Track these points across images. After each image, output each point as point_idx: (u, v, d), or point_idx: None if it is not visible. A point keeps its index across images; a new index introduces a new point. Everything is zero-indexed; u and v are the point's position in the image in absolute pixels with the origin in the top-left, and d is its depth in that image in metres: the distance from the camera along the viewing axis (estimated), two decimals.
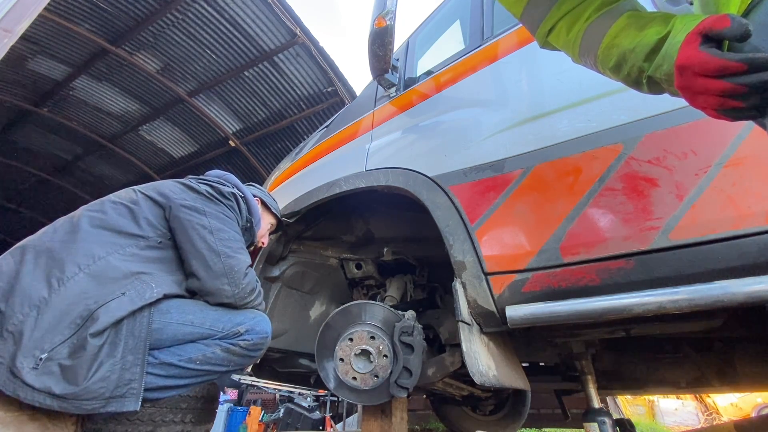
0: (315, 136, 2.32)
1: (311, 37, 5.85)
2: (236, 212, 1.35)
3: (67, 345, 0.96)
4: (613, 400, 5.68)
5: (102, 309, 1.00)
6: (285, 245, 1.93)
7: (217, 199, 1.30)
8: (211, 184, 1.35)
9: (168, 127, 8.00)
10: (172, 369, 1.11)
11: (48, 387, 0.92)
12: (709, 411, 9.77)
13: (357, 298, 2.05)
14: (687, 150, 0.96)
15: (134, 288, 1.07)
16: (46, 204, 10.63)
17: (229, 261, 1.21)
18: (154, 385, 1.09)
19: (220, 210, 1.28)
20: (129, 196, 1.24)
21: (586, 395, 1.47)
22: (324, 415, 6.20)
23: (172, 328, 1.12)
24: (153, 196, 1.24)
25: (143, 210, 1.20)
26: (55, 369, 0.94)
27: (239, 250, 1.26)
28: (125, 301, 1.04)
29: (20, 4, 3.05)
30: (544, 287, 1.06)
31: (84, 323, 0.98)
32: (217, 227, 1.23)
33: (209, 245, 1.19)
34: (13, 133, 8.19)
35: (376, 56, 1.68)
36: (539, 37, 0.89)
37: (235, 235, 1.29)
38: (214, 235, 1.21)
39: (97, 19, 5.77)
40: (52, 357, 0.94)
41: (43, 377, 0.92)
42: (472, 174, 1.29)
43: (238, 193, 1.40)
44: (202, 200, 1.26)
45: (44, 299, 0.98)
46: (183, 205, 1.22)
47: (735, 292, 0.81)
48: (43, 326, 0.95)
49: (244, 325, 1.22)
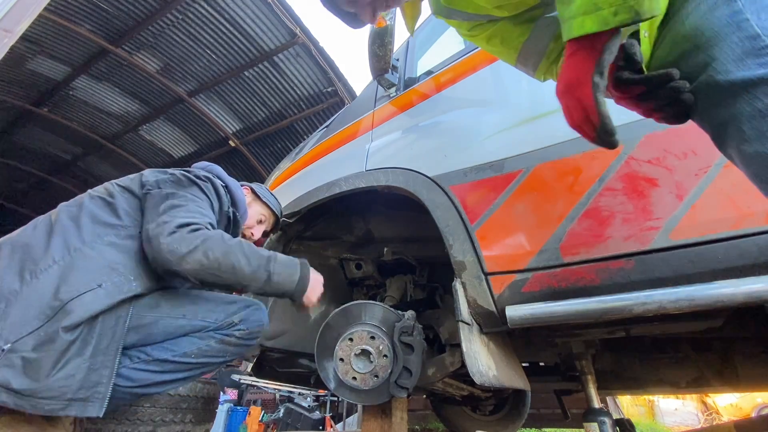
0: (315, 136, 2.32)
1: (311, 37, 5.85)
2: (211, 194, 1.26)
3: (33, 336, 0.92)
4: (613, 400, 5.68)
5: (76, 301, 0.96)
6: (285, 245, 1.93)
7: (189, 181, 1.23)
8: (187, 170, 1.29)
9: (168, 127, 8.00)
10: (167, 365, 1.08)
11: (6, 381, 0.88)
12: (709, 411, 9.77)
13: (357, 298, 2.05)
14: (687, 150, 0.96)
15: (111, 280, 1.02)
16: (46, 204, 10.60)
17: (162, 226, 1.07)
18: (150, 381, 1.07)
19: (190, 191, 1.20)
20: (106, 190, 1.20)
21: (586, 395, 1.47)
22: (324, 415, 6.20)
23: (164, 322, 1.09)
24: (129, 186, 1.20)
25: (120, 201, 1.16)
26: (17, 362, 0.90)
27: (177, 217, 1.10)
28: (101, 294, 0.99)
29: (20, 4, 3.05)
30: (544, 287, 1.06)
31: (54, 314, 0.94)
32: (174, 204, 1.13)
33: (156, 220, 1.09)
34: (13, 133, 8.18)
35: (376, 56, 1.69)
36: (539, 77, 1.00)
37: (193, 207, 1.15)
38: (167, 212, 1.11)
39: (97, 19, 5.77)
40: (15, 349, 0.90)
41: (2, 369, 0.88)
42: (472, 174, 1.29)
43: (216, 180, 1.32)
44: (172, 183, 1.21)
45: (15, 291, 0.95)
46: (149, 190, 1.18)
47: (735, 292, 0.81)
48: (11, 318, 0.92)
49: (238, 314, 1.18)
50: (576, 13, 0.61)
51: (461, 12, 0.96)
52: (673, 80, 0.61)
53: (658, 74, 0.62)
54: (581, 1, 0.60)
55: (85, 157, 9.06)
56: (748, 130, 0.54)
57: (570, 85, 0.64)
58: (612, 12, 0.57)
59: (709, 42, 0.60)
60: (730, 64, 0.57)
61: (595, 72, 0.60)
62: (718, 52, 0.58)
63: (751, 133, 0.54)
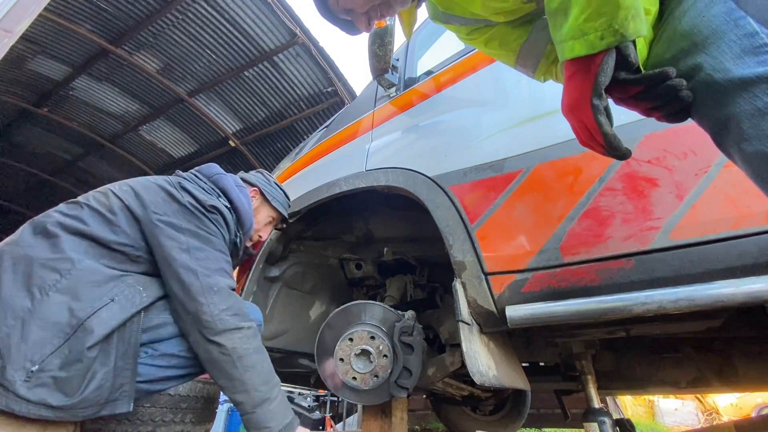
0: (315, 136, 2.32)
1: (311, 37, 5.85)
2: (221, 227, 1.24)
3: (57, 356, 0.94)
4: (613, 400, 5.67)
5: (94, 319, 0.98)
6: (285, 245, 1.93)
7: (200, 212, 1.20)
8: (194, 195, 1.23)
9: (168, 127, 8.00)
10: (173, 359, 1.12)
11: (43, 399, 0.91)
12: (709, 411, 9.77)
13: (357, 298, 2.05)
14: (687, 150, 0.96)
15: (122, 293, 1.05)
16: (46, 204, 10.60)
17: (207, 280, 1.11)
18: (156, 376, 1.09)
19: (201, 225, 1.19)
20: (105, 203, 1.15)
21: (586, 395, 1.47)
22: (324, 415, 6.20)
23: (173, 322, 1.13)
24: (131, 206, 1.15)
25: (120, 221, 1.13)
26: (49, 381, 0.92)
27: (218, 271, 1.15)
28: (116, 309, 1.02)
29: (20, 4, 3.05)
30: (544, 287, 1.06)
31: (74, 332, 0.96)
32: (195, 246, 1.14)
33: (185, 264, 1.11)
34: (13, 133, 8.18)
35: (376, 56, 1.69)
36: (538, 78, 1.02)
37: (216, 254, 1.18)
38: (191, 254, 1.13)
39: (97, 19, 5.76)
40: (43, 368, 0.92)
41: (36, 389, 0.91)
42: (472, 174, 1.29)
43: (221, 205, 1.27)
44: (182, 214, 1.17)
45: (28, 310, 0.95)
46: (160, 220, 1.14)
47: (735, 292, 0.81)
48: (31, 337, 0.93)
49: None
50: (566, 37, 0.63)
51: (459, 17, 0.98)
52: (670, 79, 0.61)
53: (654, 73, 0.61)
54: (569, 26, 0.62)
55: (85, 157, 9.06)
56: (748, 129, 0.54)
57: (572, 108, 0.67)
58: (598, 36, 0.59)
59: (707, 40, 0.60)
60: (729, 63, 0.56)
61: (593, 95, 0.62)
62: (716, 50, 0.58)
63: (751, 131, 0.54)
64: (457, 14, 0.97)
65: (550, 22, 0.68)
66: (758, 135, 0.53)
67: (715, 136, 0.63)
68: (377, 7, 0.86)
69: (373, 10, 0.86)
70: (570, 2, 0.63)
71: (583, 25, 0.61)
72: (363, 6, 0.85)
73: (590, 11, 0.60)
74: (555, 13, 0.66)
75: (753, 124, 0.53)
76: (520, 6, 0.89)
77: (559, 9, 0.65)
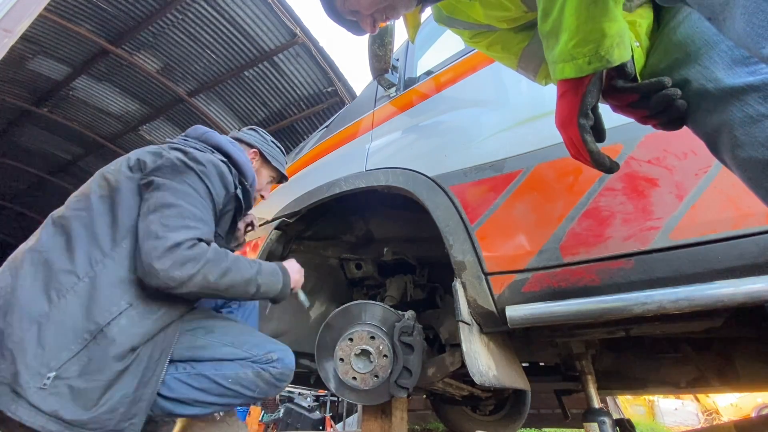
0: (315, 136, 2.32)
1: (311, 37, 5.85)
2: (208, 180, 1.16)
3: (75, 362, 0.90)
4: (613, 400, 5.68)
5: (114, 328, 0.95)
6: (285, 245, 1.93)
7: (186, 165, 1.13)
8: (183, 149, 1.18)
9: (168, 127, 8.00)
10: (204, 381, 1.10)
11: (55, 410, 0.86)
12: (709, 411, 9.77)
13: (357, 298, 2.05)
14: (687, 150, 0.96)
15: (140, 298, 1.02)
16: (46, 204, 10.62)
17: (155, 242, 1.01)
18: (185, 397, 1.08)
19: (184, 178, 1.11)
20: (109, 184, 1.12)
21: (586, 395, 1.47)
22: (324, 415, 6.20)
23: (214, 345, 1.15)
24: (129, 176, 1.12)
25: (124, 197, 1.10)
26: (65, 390, 0.88)
27: (177, 228, 1.04)
28: (134, 316, 0.99)
29: (20, 4, 3.05)
30: (544, 287, 1.06)
31: (93, 338, 0.93)
32: (166, 202, 1.06)
33: (147, 225, 1.03)
34: (13, 133, 8.19)
35: (376, 56, 1.69)
36: (539, 82, 1.04)
37: (187, 210, 1.08)
38: (158, 212, 1.05)
39: (97, 19, 5.76)
40: (60, 375, 0.88)
41: (51, 399, 0.86)
42: (472, 174, 1.29)
43: (216, 159, 1.22)
44: (167, 170, 1.11)
45: (45, 313, 0.92)
46: (145, 183, 1.10)
47: (735, 292, 0.81)
48: (48, 342, 0.89)
49: (276, 353, 1.21)
50: (557, 59, 0.68)
51: (462, 22, 1.00)
52: (665, 88, 0.63)
53: (650, 82, 0.65)
54: (560, 50, 0.67)
55: (85, 157, 9.06)
56: (741, 136, 0.55)
57: (562, 124, 0.72)
58: (586, 61, 0.64)
59: (699, 51, 0.63)
60: (720, 73, 0.59)
61: (580, 114, 0.68)
62: (708, 60, 0.61)
63: (743, 138, 0.55)
64: (460, 19, 0.99)
65: (544, 43, 0.73)
66: (751, 142, 0.54)
67: (709, 143, 0.64)
68: (382, 10, 0.88)
69: (378, 12, 0.88)
70: (560, 28, 0.67)
71: (572, 50, 0.65)
72: (368, 8, 0.86)
73: (579, 38, 0.64)
74: (547, 36, 0.71)
75: (745, 131, 0.55)
76: (522, 14, 0.91)
77: (550, 32, 0.70)
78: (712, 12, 0.51)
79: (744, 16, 0.46)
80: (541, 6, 0.70)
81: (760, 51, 0.45)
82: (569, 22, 0.64)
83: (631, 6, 0.76)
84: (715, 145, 0.63)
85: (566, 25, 0.65)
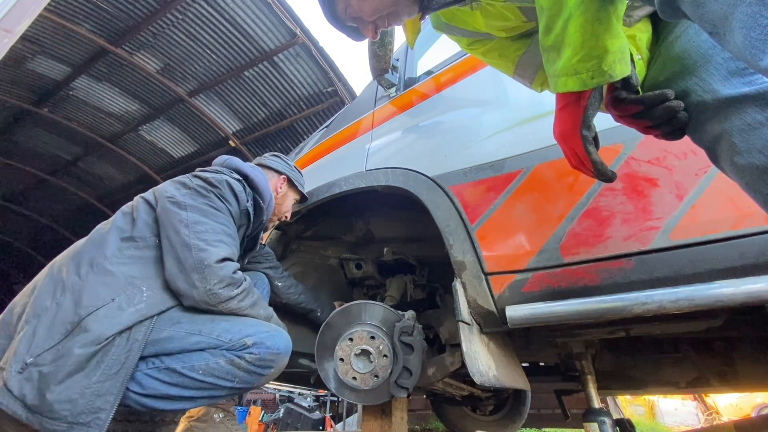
0: (315, 136, 2.32)
1: (311, 37, 5.85)
2: (226, 200, 1.27)
3: (52, 351, 0.95)
4: (613, 400, 5.68)
5: (91, 318, 0.99)
6: (285, 245, 1.93)
7: (206, 190, 1.25)
8: (203, 177, 1.29)
9: (168, 127, 8.00)
10: (175, 376, 1.06)
11: (23, 395, 0.91)
12: (709, 411, 9.77)
13: (357, 298, 2.05)
14: (687, 150, 0.96)
15: (125, 293, 1.06)
16: (46, 204, 10.62)
17: (200, 254, 1.11)
18: (159, 392, 1.06)
19: (206, 201, 1.23)
20: (132, 204, 1.28)
21: (586, 395, 1.47)
22: (324, 415, 6.21)
23: (180, 336, 1.09)
24: (148, 198, 1.27)
25: (140, 212, 1.23)
26: (35, 375, 0.92)
27: (216, 243, 1.15)
28: (114, 309, 1.02)
29: (20, 4, 3.04)
30: (544, 287, 1.06)
31: (72, 330, 0.98)
32: (195, 220, 1.17)
33: (183, 240, 1.12)
34: (13, 133, 8.18)
35: (376, 56, 1.69)
36: (535, 89, 1.07)
37: (217, 227, 1.19)
38: (190, 228, 1.15)
39: (97, 19, 5.76)
40: (36, 362, 0.93)
41: (22, 383, 0.92)
42: (472, 174, 1.29)
43: (232, 179, 1.32)
44: (189, 195, 1.23)
45: (45, 308, 1.01)
46: (167, 199, 1.22)
47: (735, 292, 0.81)
48: (39, 333, 0.97)
49: (253, 337, 1.13)
50: (560, 73, 0.69)
51: (461, 29, 1.01)
52: (669, 100, 0.65)
53: (654, 95, 0.66)
54: (563, 64, 0.68)
55: (85, 157, 9.05)
56: (740, 143, 0.57)
57: (563, 136, 0.74)
58: (590, 75, 0.66)
59: (696, 64, 0.65)
60: (717, 84, 0.60)
61: (582, 126, 0.69)
62: (705, 73, 0.63)
63: (742, 145, 0.56)
64: (459, 26, 1.00)
65: (544, 56, 0.74)
66: (749, 149, 0.56)
67: (709, 152, 0.66)
68: (385, 17, 0.88)
69: (380, 19, 0.88)
70: (564, 43, 0.68)
71: (576, 65, 0.67)
72: (371, 15, 0.87)
73: (583, 54, 0.65)
74: (549, 50, 0.72)
75: (743, 139, 0.56)
76: (521, 24, 0.93)
77: (552, 47, 0.71)
78: (714, 26, 0.52)
79: (742, 30, 0.47)
80: (543, 21, 0.71)
81: (757, 63, 0.47)
82: (573, 38, 0.66)
83: (631, 21, 0.78)
84: (714, 154, 0.64)
85: (570, 41, 0.66)
